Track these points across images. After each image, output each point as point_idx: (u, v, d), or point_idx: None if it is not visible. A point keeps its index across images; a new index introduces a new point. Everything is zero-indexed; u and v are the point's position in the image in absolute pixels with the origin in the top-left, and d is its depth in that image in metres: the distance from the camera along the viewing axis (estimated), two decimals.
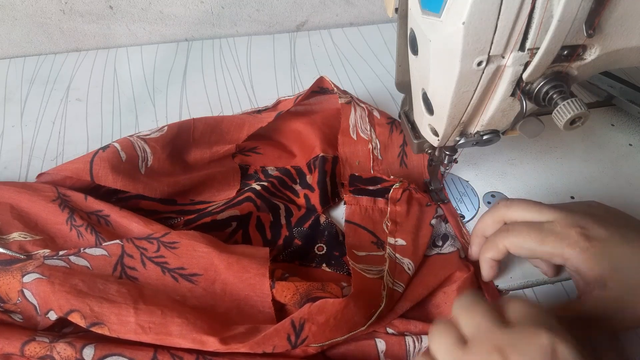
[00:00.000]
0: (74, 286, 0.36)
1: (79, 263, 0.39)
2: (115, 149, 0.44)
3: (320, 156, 0.49)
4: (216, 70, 0.65)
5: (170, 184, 0.46)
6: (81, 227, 0.42)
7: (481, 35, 0.28)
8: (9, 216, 0.43)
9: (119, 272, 0.39)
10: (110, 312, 0.35)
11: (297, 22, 0.73)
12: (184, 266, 0.39)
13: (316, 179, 0.48)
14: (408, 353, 0.37)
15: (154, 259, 0.39)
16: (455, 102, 0.33)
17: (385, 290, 0.39)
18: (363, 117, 0.53)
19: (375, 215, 0.47)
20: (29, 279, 0.37)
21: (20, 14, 0.64)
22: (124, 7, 0.66)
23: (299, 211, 0.47)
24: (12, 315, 0.37)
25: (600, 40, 0.30)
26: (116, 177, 0.43)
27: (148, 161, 0.46)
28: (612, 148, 0.53)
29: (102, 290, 0.37)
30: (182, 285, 0.39)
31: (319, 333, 0.35)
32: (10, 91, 0.61)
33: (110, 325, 0.35)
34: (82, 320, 0.35)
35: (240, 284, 0.39)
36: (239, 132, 0.51)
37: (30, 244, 0.41)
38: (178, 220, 0.45)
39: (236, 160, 0.51)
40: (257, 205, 0.46)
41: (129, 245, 0.40)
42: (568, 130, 0.31)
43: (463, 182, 0.50)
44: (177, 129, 0.49)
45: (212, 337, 0.34)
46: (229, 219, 0.44)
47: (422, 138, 0.42)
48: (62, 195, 0.44)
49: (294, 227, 0.46)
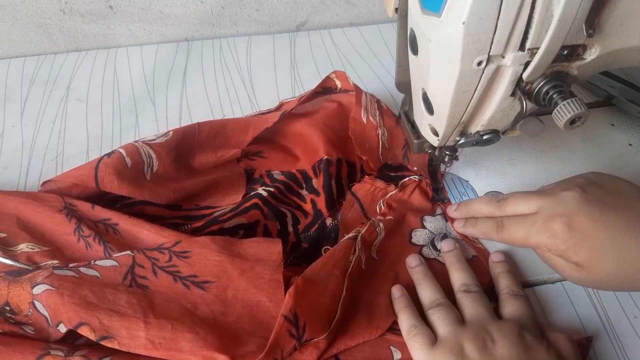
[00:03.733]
0: (83, 298, 0.36)
1: (88, 273, 0.38)
2: (120, 154, 0.44)
3: (325, 159, 0.49)
4: (216, 70, 0.65)
5: (176, 190, 0.46)
6: (89, 237, 0.41)
7: (481, 35, 0.28)
8: (16, 227, 0.42)
9: (129, 281, 0.38)
10: (120, 325, 0.35)
11: (297, 22, 0.73)
12: (196, 274, 0.39)
13: (321, 182, 0.48)
14: None
15: (166, 269, 0.39)
16: (455, 101, 0.33)
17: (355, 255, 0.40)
18: (372, 103, 0.54)
19: (377, 196, 0.48)
20: (38, 291, 0.36)
21: (20, 14, 0.64)
22: (124, 7, 0.66)
23: (306, 219, 0.47)
24: (24, 327, 0.37)
25: (600, 40, 0.30)
26: (121, 183, 0.43)
27: (153, 167, 0.45)
28: (612, 148, 0.53)
29: (111, 301, 0.36)
30: (194, 292, 0.38)
31: (310, 311, 0.36)
32: (10, 91, 0.61)
33: (120, 340, 0.35)
34: (91, 333, 0.35)
35: (253, 289, 0.38)
36: (244, 134, 0.51)
37: (38, 255, 0.41)
38: (185, 227, 0.45)
39: (241, 164, 0.51)
40: (264, 213, 0.46)
41: (140, 256, 0.39)
42: (568, 130, 0.31)
43: (463, 182, 0.50)
44: (182, 134, 0.48)
45: (222, 355, 0.34)
46: (236, 227, 0.44)
47: (422, 138, 0.42)
48: (68, 205, 0.43)
49: (301, 234, 0.46)
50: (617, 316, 0.40)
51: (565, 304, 0.41)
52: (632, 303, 0.41)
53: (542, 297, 0.41)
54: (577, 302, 0.41)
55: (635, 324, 0.40)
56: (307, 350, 0.36)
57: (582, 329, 0.39)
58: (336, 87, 0.55)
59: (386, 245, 0.44)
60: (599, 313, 0.40)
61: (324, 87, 0.55)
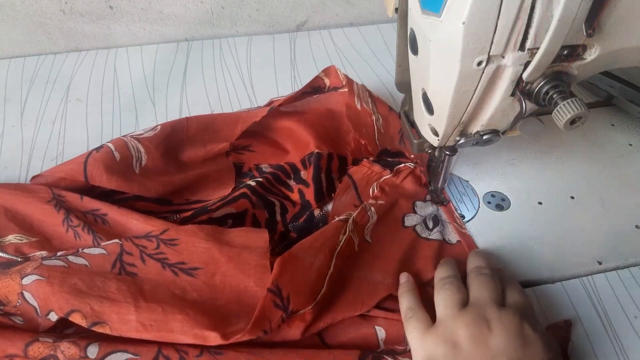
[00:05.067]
0: (73, 286, 0.36)
1: (77, 262, 0.38)
2: (109, 149, 0.44)
3: (315, 152, 0.49)
4: (216, 70, 0.65)
5: (165, 183, 0.46)
6: (77, 227, 0.42)
7: (481, 35, 0.28)
8: (4, 219, 0.42)
9: (118, 269, 0.39)
10: (111, 310, 0.35)
11: (297, 22, 0.73)
12: (184, 261, 0.39)
13: (311, 174, 0.49)
14: (405, 339, 0.38)
15: (154, 256, 0.40)
16: (455, 101, 0.33)
17: (346, 236, 0.41)
18: (364, 92, 0.55)
19: (372, 179, 0.48)
20: (28, 281, 0.37)
21: (20, 14, 0.64)
22: (124, 7, 0.66)
23: (294, 208, 0.48)
24: (13, 318, 0.37)
25: (600, 40, 0.30)
26: (110, 177, 0.43)
27: (142, 161, 0.46)
28: (612, 148, 0.53)
29: (101, 288, 0.37)
30: (182, 279, 0.39)
31: (294, 284, 0.37)
32: (10, 91, 0.61)
33: (111, 324, 0.35)
34: (83, 320, 0.35)
35: (240, 275, 0.39)
36: (233, 128, 0.52)
37: (26, 246, 0.41)
38: (174, 217, 0.45)
39: (230, 158, 0.52)
40: (253, 202, 0.46)
41: (128, 244, 0.40)
42: (568, 130, 0.31)
43: (463, 182, 0.50)
44: (170, 128, 0.49)
45: (213, 332, 0.34)
46: (225, 217, 0.45)
47: (422, 138, 0.42)
48: (57, 196, 0.43)
49: (289, 223, 0.46)
50: (617, 316, 0.40)
51: (565, 304, 0.41)
52: (632, 303, 0.41)
53: (542, 297, 0.41)
54: (577, 302, 0.41)
55: (635, 324, 0.40)
56: (294, 324, 0.37)
57: (582, 329, 0.39)
58: (325, 85, 0.55)
59: (380, 229, 0.45)
60: (599, 313, 0.40)
61: (313, 87, 0.55)
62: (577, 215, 0.47)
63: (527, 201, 0.48)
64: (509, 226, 0.46)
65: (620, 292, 0.42)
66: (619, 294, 0.41)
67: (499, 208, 0.47)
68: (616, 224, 0.46)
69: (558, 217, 0.47)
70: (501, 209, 0.47)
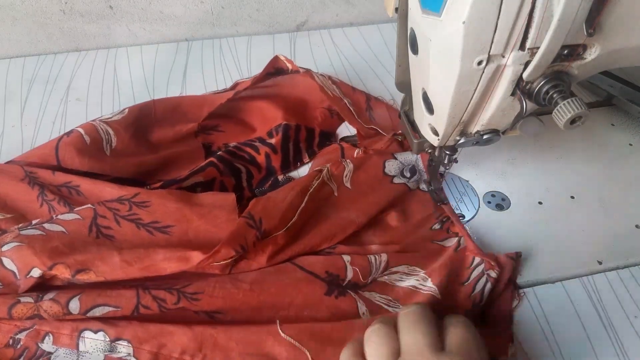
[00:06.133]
0: (54, 248, 0.37)
1: (54, 229, 0.39)
2: (79, 133, 0.46)
3: (284, 124, 0.51)
4: (216, 70, 0.65)
5: (137, 164, 0.48)
6: (53, 201, 0.43)
7: (481, 34, 0.28)
8: None
9: (95, 233, 0.40)
10: (95, 257, 0.37)
11: (297, 22, 0.73)
12: (157, 220, 0.41)
13: (280, 142, 0.50)
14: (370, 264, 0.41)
15: (127, 217, 0.41)
16: (456, 101, 0.33)
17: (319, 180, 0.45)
18: (326, 80, 0.56)
19: (349, 154, 0.50)
20: (7, 248, 0.37)
21: (20, 14, 0.64)
22: (124, 7, 0.66)
23: (260, 174, 0.50)
24: None
25: (601, 39, 0.30)
26: (82, 160, 0.45)
27: (112, 143, 0.47)
28: (612, 148, 0.53)
29: (82, 248, 0.38)
30: (158, 237, 0.40)
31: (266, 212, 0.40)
32: (10, 91, 0.61)
33: (95, 269, 0.36)
34: (66, 269, 0.36)
35: (213, 229, 0.41)
36: (199, 110, 0.53)
37: (2, 222, 0.42)
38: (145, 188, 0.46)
39: (199, 139, 0.53)
40: (220, 170, 0.48)
41: (101, 208, 0.41)
42: (568, 129, 0.31)
43: (463, 182, 0.50)
44: (138, 111, 0.51)
45: (195, 252, 0.37)
46: (194, 186, 0.46)
47: (422, 138, 0.41)
48: (29, 173, 0.44)
49: (255, 189, 0.49)
50: (617, 316, 0.40)
51: (565, 304, 0.41)
52: (632, 303, 0.41)
53: (542, 297, 0.41)
54: (577, 302, 0.41)
55: (635, 323, 0.40)
56: (267, 248, 0.40)
57: (582, 329, 0.39)
58: (287, 68, 0.56)
59: (360, 175, 0.47)
60: (599, 313, 0.40)
61: (276, 67, 0.56)
62: (577, 215, 0.47)
63: (527, 201, 0.48)
64: (509, 226, 0.46)
65: (620, 292, 0.42)
66: (619, 293, 0.41)
67: (499, 208, 0.47)
68: (616, 223, 0.46)
69: (558, 217, 0.47)
70: (501, 208, 0.47)
